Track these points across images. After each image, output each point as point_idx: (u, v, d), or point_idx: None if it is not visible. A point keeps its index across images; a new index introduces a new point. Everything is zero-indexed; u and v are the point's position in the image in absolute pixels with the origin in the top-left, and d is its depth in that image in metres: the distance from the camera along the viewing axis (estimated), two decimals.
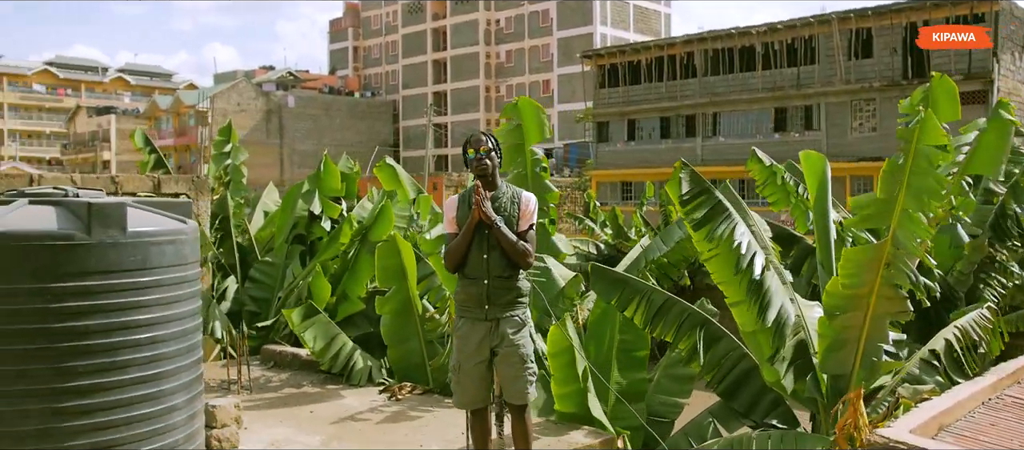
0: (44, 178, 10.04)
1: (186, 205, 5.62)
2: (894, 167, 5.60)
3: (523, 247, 4.58)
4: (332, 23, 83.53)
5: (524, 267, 4.63)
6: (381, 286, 8.00)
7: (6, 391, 4.56)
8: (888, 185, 5.65)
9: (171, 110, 69.42)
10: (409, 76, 74.51)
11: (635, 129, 39.40)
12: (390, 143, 75.11)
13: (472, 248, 4.60)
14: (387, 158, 10.87)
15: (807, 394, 6.59)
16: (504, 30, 67.96)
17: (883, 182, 5.67)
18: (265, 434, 6.29)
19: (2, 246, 4.53)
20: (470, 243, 4.59)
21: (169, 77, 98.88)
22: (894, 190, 5.69)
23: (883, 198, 5.70)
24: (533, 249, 4.70)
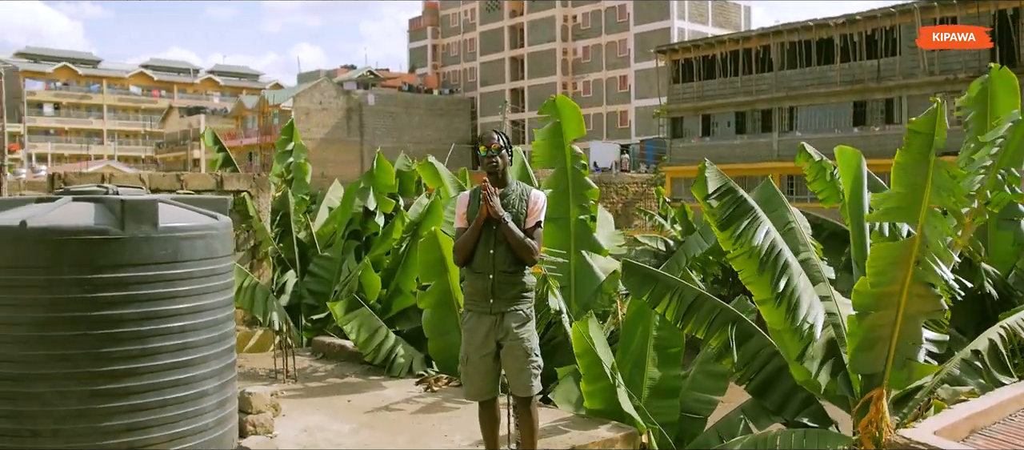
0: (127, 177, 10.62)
1: (222, 202, 5.90)
2: (910, 160, 5.48)
3: (529, 243, 4.69)
4: (411, 22, 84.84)
5: (529, 263, 4.74)
6: (422, 280, 8.21)
7: (48, 374, 4.88)
8: (906, 178, 5.53)
9: (256, 109, 71.58)
10: (487, 73, 75.10)
11: (710, 124, 38.89)
12: (468, 140, 75.86)
13: (479, 243, 4.73)
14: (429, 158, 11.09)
15: (838, 393, 6.50)
16: (581, 26, 67.83)
17: (898, 175, 5.56)
18: (301, 421, 6.55)
19: (45, 239, 4.83)
20: (478, 238, 4.73)
21: (256, 77, 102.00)
22: (916, 184, 5.57)
23: (902, 192, 5.59)
24: (539, 246, 4.80)
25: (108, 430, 4.92)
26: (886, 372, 6.42)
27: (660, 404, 7.52)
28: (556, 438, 6.04)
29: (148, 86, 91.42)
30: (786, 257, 6.26)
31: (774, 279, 6.19)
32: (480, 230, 4.71)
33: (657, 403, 7.52)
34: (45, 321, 4.91)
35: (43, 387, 4.90)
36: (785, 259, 6.23)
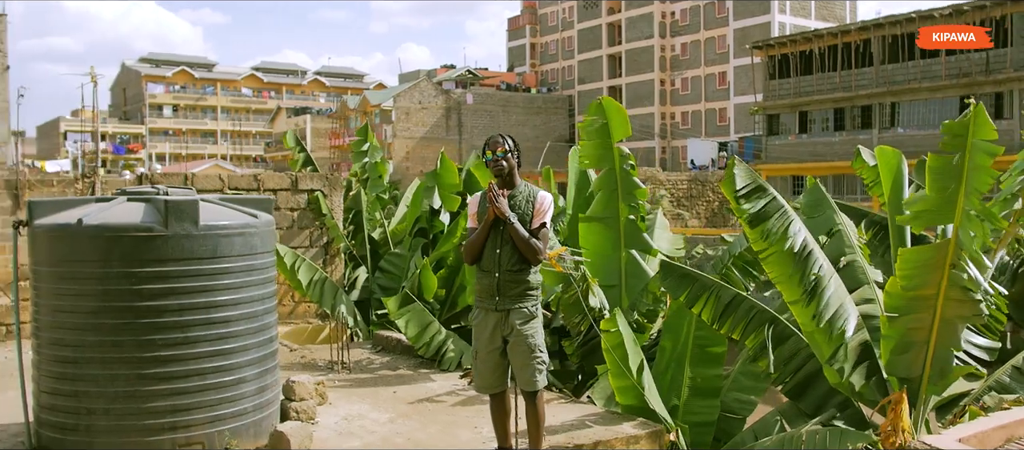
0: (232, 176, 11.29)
1: (265, 202, 6.30)
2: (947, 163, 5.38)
3: (534, 243, 4.86)
4: (510, 21, 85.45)
5: (534, 262, 4.92)
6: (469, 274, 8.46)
7: (100, 357, 5.36)
8: (938, 181, 5.43)
9: (359, 109, 73.58)
10: (584, 71, 75.01)
11: (807, 121, 37.86)
12: (565, 138, 75.95)
13: (487, 243, 4.94)
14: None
15: (871, 396, 6.41)
16: (679, 22, 66.94)
17: (932, 178, 5.45)
18: (344, 409, 6.91)
19: (97, 235, 5.30)
20: (486, 238, 4.93)
21: (361, 78, 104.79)
22: (950, 188, 5.46)
23: (937, 196, 5.48)
24: (545, 246, 4.97)
25: (153, 410, 5.38)
26: (923, 377, 6.31)
27: (699, 403, 7.56)
28: (581, 433, 6.19)
29: (259, 88, 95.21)
30: (817, 257, 6.22)
31: (804, 279, 6.16)
32: (488, 230, 4.92)
33: (697, 402, 7.57)
34: (98, 310, 5.40)
35: (96, 370, 5.39)
36: (816, 259, 6.19)
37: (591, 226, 9.00)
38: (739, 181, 6.12)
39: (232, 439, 5.57)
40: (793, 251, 6.12)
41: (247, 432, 5.70)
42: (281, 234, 11.64)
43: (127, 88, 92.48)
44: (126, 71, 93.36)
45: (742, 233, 11.53)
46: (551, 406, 7.07)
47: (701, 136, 62.77)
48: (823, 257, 6.30)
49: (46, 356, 5.53)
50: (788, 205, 6.30)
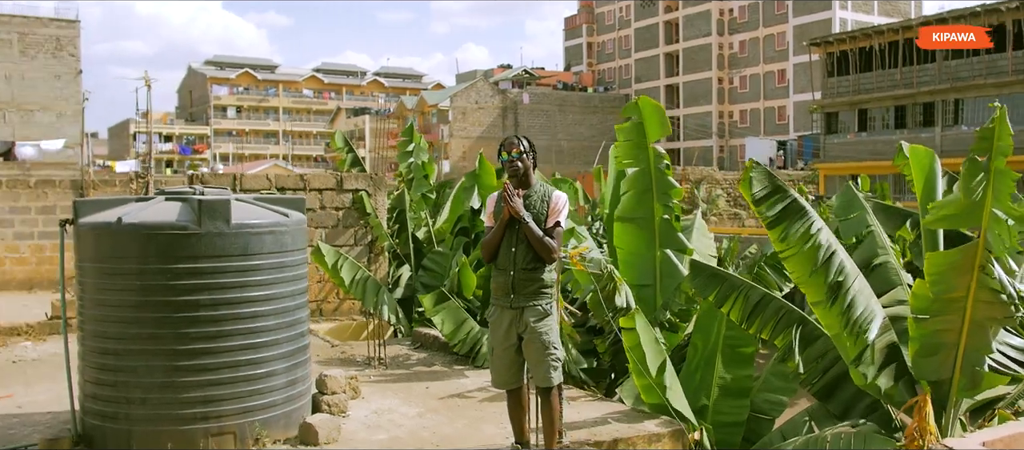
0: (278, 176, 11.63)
1: (297, 201, 6.53)
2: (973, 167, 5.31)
3: (548, 242, 4.96)
4: (567, 20, 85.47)
5: (548, 261, 5.02)
6: None
7: (138, 349, 5.64)
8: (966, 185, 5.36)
9: (416, 109, 74.41)
10: (641, 69, 74.62)
11: (866, 119, 37.07)
12: None
13: (503, 242, 5.06)
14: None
15: (899, 398, 6.34)
16: (738, 19, 66.13)
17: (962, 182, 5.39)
18: (376, 403, 7.09)
19: (136, 233, 5.58)
20: (502, 237, 5.05)
21: (419, 78, 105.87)
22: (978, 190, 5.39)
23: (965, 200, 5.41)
24: (559, 245, 5.07)
25: (187, 401, 5.62)
26: (953, 380, 6.23)
27: (729, 403, 7.56)
28: (602, 429, 6.27)
29: (319, 89, 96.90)
30: (839, 258, 6.17)
31: (826, 280, 6.12)
32: (504, 229, 5.03)
33: (726, 402, 7.57)
34: (136, 304, 5.67)
35: (135, 361, 5.67)
36: (838, 260, 6.15)
37: (625, 226, 9.04)
38: (756, 184, 6.12)
39: (262, 430, 5.79)
40: (814, 252, 6.09)
41: (277, 423, 5.91)
42: (326, 233, 11.94)
43: (193, 90, 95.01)
44: (192, 74, 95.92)
45: None
46: (578, 403, 7.18)
47: (760, 135, 61.90)
48: (846, 258, 6.25)
49: (90, 348, 5.82)
50: (809, 206, 6.27)
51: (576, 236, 9.01)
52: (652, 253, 8.98)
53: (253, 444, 5.75)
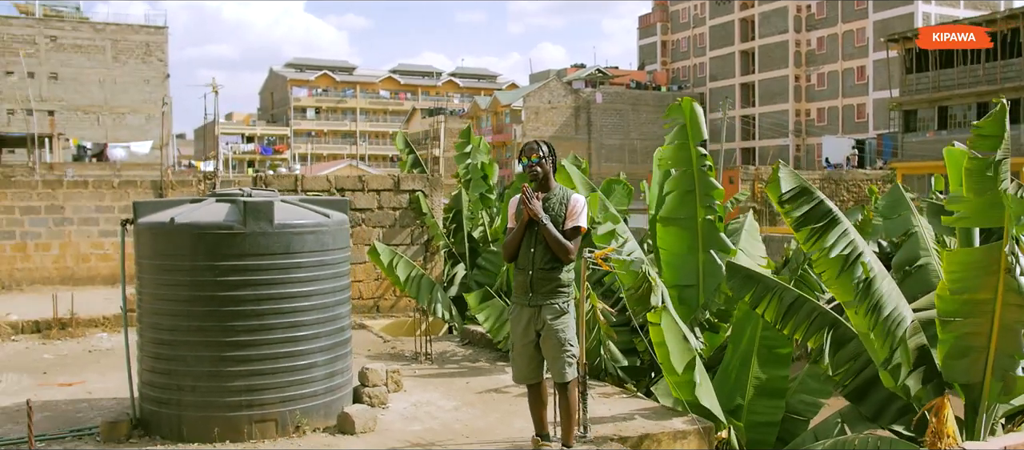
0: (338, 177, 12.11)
1: (341, 202, 6.89)
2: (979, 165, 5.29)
3: (565, 244, 5.16)
4: (641, 19, 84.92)
5: (566, 261, 5.22)
6: None
7: (188, 340, 6.07)
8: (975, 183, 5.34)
9: (490, 110, 75.01)
10: (716, 67, 73.67)
11: (947, 117, 35.90)
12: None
13: (522, 242, 5.28)
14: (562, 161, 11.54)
15: (929, 401, 6.32)
16: (815, 16, 64.69)
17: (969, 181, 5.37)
18: (416, 396, 7.40)
19: (187, 232, 6.02)
20: (522, 237, 5.27)
21: (494, 78, 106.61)
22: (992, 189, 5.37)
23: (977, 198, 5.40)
24: (576, 247, 5.26)
25: (231, 389, 6.02)
26: (985, 383, 6.19)
27: (764, 403, 7.62)
28: (629, 424, 6.43)
29: (395, 90, 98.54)
30: (867, 259, 6.19)
31: (854, 281, 6.15)
32: (523, 230, 5.25)
33: (761, 402, 7.63)
34: (187, 298, 6.09)
35: (185, 351, 6.09)
36: (865, 261, 6.17)
37: (668, 227, 9.15)
38: (784, 185, 6.18)
39: (303, 418, 6.14)
40: (842, 254, 6.13)
41: (317, 412, 6.26)
42: (383, 232, 12.35)
43: (274, 92, 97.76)
44: (273, 76, 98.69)
45: None
46: (611, 399, 7.35)
47: (838, 133, 60.44)
48: (874, 259, 6.27)
49: (147, 339, 6.27)
50: (835, 208, 6.30)
51: (617, 236, 9.14)
52: (695, 254, 9.06)
53: (294, 432, 6.11)
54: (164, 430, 6.10)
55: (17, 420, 6.66)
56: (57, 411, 6.94)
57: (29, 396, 7.48)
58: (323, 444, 6.00)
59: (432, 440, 6.11)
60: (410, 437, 6.18)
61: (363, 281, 12.30)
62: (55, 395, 7.55)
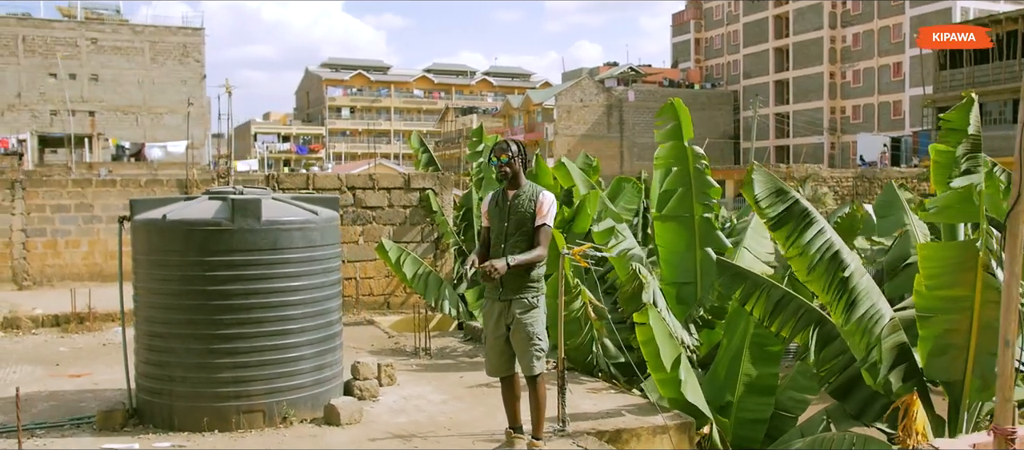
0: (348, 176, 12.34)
1: (330, 200, 7.06)
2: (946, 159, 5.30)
3: (535, 256, 5.30)
4: (674, 16, 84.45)
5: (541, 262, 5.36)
6: None
7: (179, 333, 6.28)
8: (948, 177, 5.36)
9: (522, 108, 75.13)
10: (750, 65, 73.05)
11: (982, 113, 35.21)
12: (730, 134, 74.26)
13: (492, 241, 5.42)
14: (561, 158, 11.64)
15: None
16: (851, 12, 63.83)
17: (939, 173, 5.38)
18: (408, 390, 7.56)
19: (178, 229, 6.24)
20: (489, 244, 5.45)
21: (528, 77, 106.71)
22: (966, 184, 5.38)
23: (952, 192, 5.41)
24: (546, 242, 5.38)
25: (220, 380, 6.23)
26: (966, 381, 6.18)
27: (753, 400, 7.66)
28: (611, 420, 6.52)
29: (429, 89, 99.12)
30: (843, 257, 6.22)
31: (831, 279, 6.19)
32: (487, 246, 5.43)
33: (751, 399, 7.67)
34: (178, 293, 6.30)
35: (176, 343, 6.30)
36: (841, 260, 6.20)
37: (666, 224, 9.21)
38: (758, 186, 6.23)
39: (290, 409, 6.33)
40: (818, 253, 6.16)
41: (305, 404, 6.44)
42: (394, 230, 12.54)
43: (310, 92, 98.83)
44: (309, 76, 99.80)
45: None
46: (600, 395, 7.45)
47: (874, 130, 59.60)
48: (851, 257, 6.29)
49: (142, 331, 6.50)
50: (812, 207, 6.34)
51: (616, 233, 9.23)
52: (692, 251, 9.12)
53: (281, 422, 6.30)
54: (157, 420, 6.32)
55: (22, 408, 6.93)
56: (61, 401, 7.21)
57: (39, 387, 7.82)
58: (308, 434, 6.18)
59: (414, 432, 6.26)
60: (393, 429, 6.33)
61: (374, 278, 12.51)
62: (63, 385, 7.83)
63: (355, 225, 12.34)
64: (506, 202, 5.44)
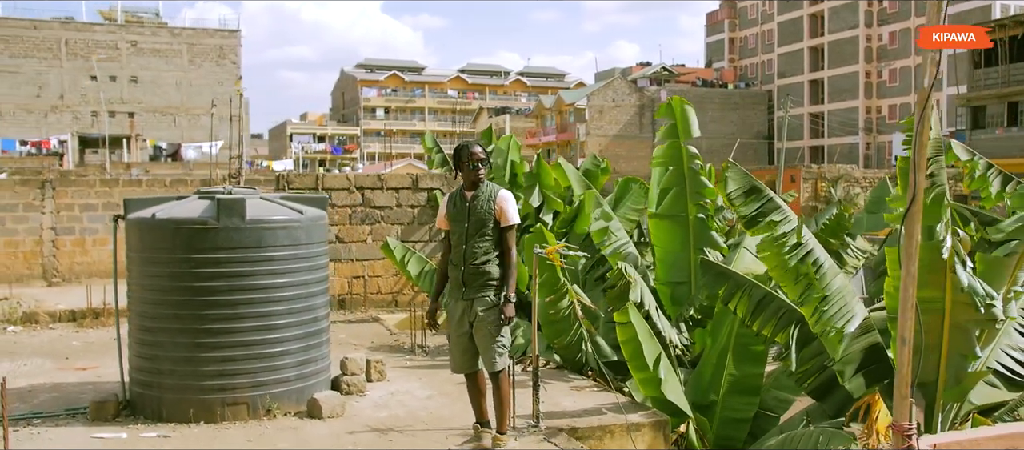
0: (357, 177, 12.55)
1: (319, 199, 7.25)
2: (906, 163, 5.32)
3: (512, 262, 5.50)
4: (708, 16, 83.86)
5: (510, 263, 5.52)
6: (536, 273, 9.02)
7: (167, 328, 6.52)
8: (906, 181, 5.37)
9: (554, 109, 75.14)
10: (784, 64, 72.30)
11: (1017, 112, 34.61)
12: (764, 134, 73.60)
13: (454, 242, 5.57)
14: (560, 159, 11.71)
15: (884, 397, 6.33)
16: (887, 10, 62.91)
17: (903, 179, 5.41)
18: (396, 385, 7.73)
19: (166, 227, 6.47)
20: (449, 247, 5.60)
21: (562, 77, 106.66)
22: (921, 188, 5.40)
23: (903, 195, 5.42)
24: (512, 242, 5.52)
25: (206, 373, 6.45)
26: (939, 383, 6.19)
27: (737, 400, 7.72)
28: (585, 418, 6.62)
29: (463, 89, 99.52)
30: (817, 256, 6.26)
31: (801, 279, 6.23)
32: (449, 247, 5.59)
33: (734, 399, 7.73)
34: (166, 289, 6.53)
35: (165, 338, 6.54)
36: (816, 258, 6.24)
37: (661, 224, 9.28)
38: (731, 184, 6.29)
39: (273, 402, 6.53)
40: (791, 251, 6.21)
41: (289, 397, 6.64)
42: (402, 229, 12.74)
43: (345, 92, 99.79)
44: (344, 77, 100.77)
45: None
46: (583, 393, 7.55)
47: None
48: (825, 256, 6.33)
49: (135, 326, 6.75)
50: (786, 205, 6.39)
51: (609, 233, 9.32)
52: (687, 251, 9.18)
53: (265, 414, 6.51)
54: (147, 411, 6.56)
55: (25, 399, 7.25)
56: (63, 392, 7.50)
57: (46, 378, 8.12)
58: (289, 427, 6.37)
59: (392, 425, 6.43)
60: (372, 422, 6.51)
61: (382, 276, 12.72)
62: (68, 378, 8.13)
63: (364, 224, 12.56)
64: (465, 203, 5.57)
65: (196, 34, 64.81)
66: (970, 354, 6.01)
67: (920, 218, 3.21)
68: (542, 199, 12.06)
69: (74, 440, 6.06)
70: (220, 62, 64.53)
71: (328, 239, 12.39)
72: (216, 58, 64.43)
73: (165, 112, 63.15)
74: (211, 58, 64.36)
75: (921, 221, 5.94)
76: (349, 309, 12.53)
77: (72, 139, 52.62)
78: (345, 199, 12.35)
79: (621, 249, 9.33)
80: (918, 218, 3.21)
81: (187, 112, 63.10)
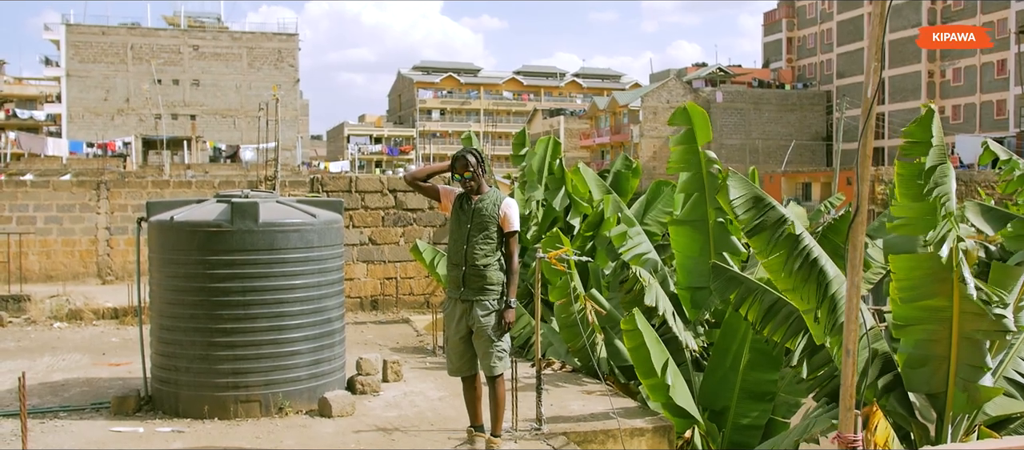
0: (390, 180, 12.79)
1: (337, 203, 7.43)
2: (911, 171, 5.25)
3: (516, 276, 5.60)
4: (766, 16, 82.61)
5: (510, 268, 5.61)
6: (551, 277, 9.08)
7: (182, 326, 6.77)
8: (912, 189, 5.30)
9: (608, 110, 74.89)
10: (844, 64, 70.89)
11: None
12: (822, 136, 72.25)
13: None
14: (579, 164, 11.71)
15: (890, 407, 6.25)
16: (952, 7, 61.19)
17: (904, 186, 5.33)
18: (411, 386, 7.87)
19: (184, 229, 6.71)
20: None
21: (618, 78, 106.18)
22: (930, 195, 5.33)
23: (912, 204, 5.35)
24: (516, 249, 5.61)
25: (219, 371, 6.67)
26: (948, 394, 6.09)
27: (751, 406, 7.68)
28: (588, 423, 6.66)
29: (518, 91, 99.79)
30: (822, 265, 6.19)
31: (806, 288, 6.17)
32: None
33: (747, 405, 7.69)
34: (183, 289, 6.77)
35: (182, 336, 6.78)
36: (820, 267, 6.18)
37: (681, 229, 9.25)
38: (733, 192, 6.27)
39: (285, 400, 6.73)
40: (794, 260, 6.16)
41: (301, 396, 6.83)
42: (434, 231, 12.91)
43: (401, 94, 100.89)
44: (401, 78, 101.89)
45: None
46: (594, 397, 7.59)
47: (975, 131, 56.97)
48: (830, 264, 6.26)
49: (156, 324, 7.02)
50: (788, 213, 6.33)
51: (628, 237, 9.33)
52: (706, 256, 9.13)
53: (276, 412, 6.71)
54: (165, 406, 6.82)
55: (58, 393, 7.59)
56: (94, 387, 7.82)
57: (80, 373, 8.48)
58: (298, 425, 6.56)
59: (398, 425, 6.57)
60: (379, 422, 6.65)
61: (414, 278, 12.90)
62: (101, 373, 8.46)
63: (396, 227, 12.77)
64: (470, 206, 5.67)
65: (255, 38, 66.28)
66: (981, 365, 5.89)
67: (864, 229, 3.19)
68: (569, 202, 12.10)
69: (93, 433, 6.33)
70: (279, 65, 65.89)
71: (359, 241, 12.68)
72: (275, 61, 65.80)
73: (225, 114, 64.75)
74: (270, 61, 65.75)
75: (917, 232, 5.88)
76: (381, 310, 12.75)
77: (136, 141, 54.28)
78: (378, 202, 12.56)
79: (641, 253, 9.33)
80: (862, 229, 3.20)
81: (246, 114, 64.52)
